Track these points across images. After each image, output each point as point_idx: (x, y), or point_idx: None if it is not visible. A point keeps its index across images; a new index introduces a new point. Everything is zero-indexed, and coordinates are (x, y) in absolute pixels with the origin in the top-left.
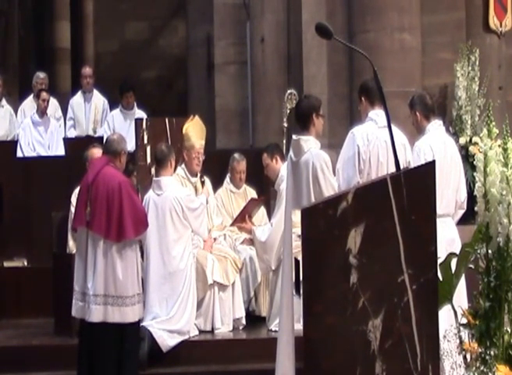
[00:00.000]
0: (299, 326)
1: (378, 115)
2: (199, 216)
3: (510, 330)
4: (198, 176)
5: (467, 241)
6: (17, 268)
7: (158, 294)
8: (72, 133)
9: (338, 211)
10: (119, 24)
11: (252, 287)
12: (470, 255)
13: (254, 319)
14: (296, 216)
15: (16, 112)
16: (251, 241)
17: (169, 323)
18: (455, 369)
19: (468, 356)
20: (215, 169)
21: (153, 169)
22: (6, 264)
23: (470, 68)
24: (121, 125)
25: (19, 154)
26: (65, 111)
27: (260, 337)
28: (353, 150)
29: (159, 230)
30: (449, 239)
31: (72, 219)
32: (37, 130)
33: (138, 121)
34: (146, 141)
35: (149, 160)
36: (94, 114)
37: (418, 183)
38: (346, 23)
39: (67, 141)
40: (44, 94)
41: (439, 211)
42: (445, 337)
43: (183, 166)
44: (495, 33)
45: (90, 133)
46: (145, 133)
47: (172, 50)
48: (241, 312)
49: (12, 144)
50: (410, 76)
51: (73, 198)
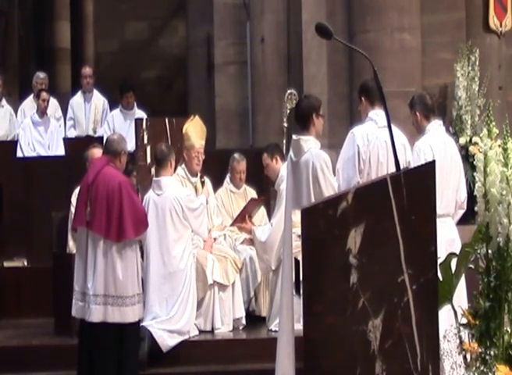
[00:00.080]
0: (299, 326)
1: (378, 115)
2: (199, 216)
3: (510, 330)
4: (198, 176)
5: (467, 241)
6: (17, 268)
7: (158, 294)
8: (72, 133)
9: (338, 211)
10: (119, 24)
11: (252, 287)
12: (470, 255)
13: (254, 319)
14: (296, 216)
15: (16, 112)
16: (251, 241)
17: (169, 323)
18: (455, 369)
19: (468, 356)
20: (215, 169)
21: (153, 169)
22: (6, 264)
23: (470, 68)
24: (121, 125)
25: (19, 154)
26: (65, 111)
27: (260, 337)
28: (353, 150)
29: (159, 230)
30: (449, 239)
31: (72, 219)
32: (37, 130)
33: (138, 121)
34: (146, 141)
35: (149, 160)
36: (94, 114)
37: (418, 183)
38: (346, 23)
39: (67, 141)
40: (44, 94)
41: (439, 211)
42: (445, 337)
43: (183, 165)
44: (495, 33)
45: (90, 133)
46: (145, 133)
47: (172, 50)
48: (241, 312)
49: (12, 144)
50: (410, 76)
51: (73, 198)
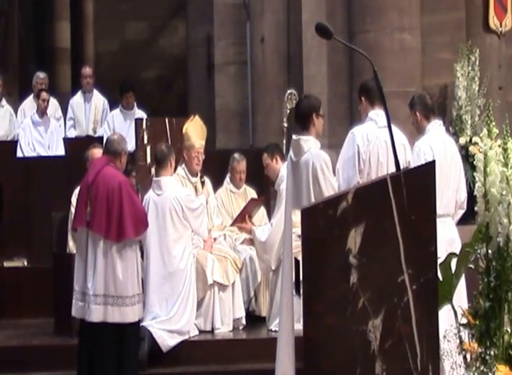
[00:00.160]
0: (299, 326)
1: (378, 115)
2: (199, 216)
3: (510, 330)
4: (198, 176)
5: (467, 241)
6: (17, 268)
7: (158, 294)
8: (72, 133)
9: (338, 211)
10: (119, 24)
11: (252, 287)
12: (470, 255)
13: (254, 319)
14: (296, 216)
15: (16, 112)
16: (251, 241)
17: (169, 323)
18: (455, 369)
19: (468, 356)
20: (215, 169)
21: (153, 169)
22: (6, 264)
23: (470, 68)
24: (121, 125)
25: (19, 154)
26: (65, 111)
27: (260, 337)
28: (353, 150)
29: (159, 230)
30: (449, 239)
31: (73, 219)
32: (37, 130)
33: (138, 121)
34: (146, 141)
35: (149, 160)
36: (94, 114)
37: (418, 183)
38: (346, 23)
39: (67, 141)
40: (44, 94)
41: (439, 211)
42: (445, 337)
43: (184, 165)
44: (495, 33)
45: (90, 133)
46: (145, 133)
47: (172, 50)
48: (241, 312)
49: (12, 144)
50: (410, 76)
51: (73, 198)
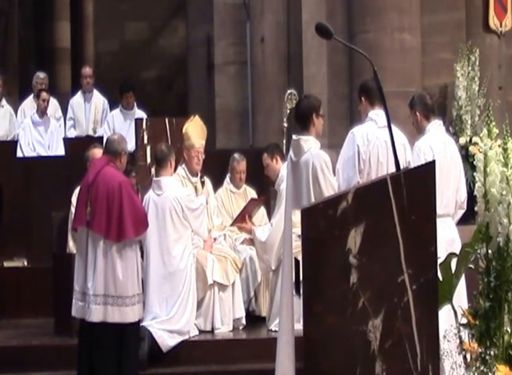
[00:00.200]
0: (299, 326)
1: (378, 115)
2: (199, 216)
3: (510, 330)
4: (198, 176)
5: (467, 241)
6: (17, 268)
7: (158, 294)
8: (72, 133)
9: (338, 211)
10: (119, 24)
11: (252, 287)
12: (470, 255)
13: (254, 319)
14: (296, 216)
15: (16, 112)
16: (251, 241)
17: (169, 323)
18: (455, 369)
19: (468, 356)
20: (215, 169)
21: (153, 169)
22: (6, 264)
23: (470, 68)
24: (121, 125)
25: (19, 154)
26: (65, 111)
27: (260, 337)
28: (353, 150)
29: (159, 230)
30: (449, 239)
31: (73, 219)
32: (37, 130)
33: (138, 121)
34: (146, 141)
35: (149, 160)
36: (94, 114)
37: (418, 183)
38: (346, 23)
39: (67, 141)
40: (44, 94)
41: (439, 211)
42: (445, 337)
43: (184, 165)
44: (495, 33)
45: (90, 133)
46: (145, 133)
47: (172, 50)
48: (241, 312)
49: (12, 144)
50: (410, 76)
51: (74, 198)
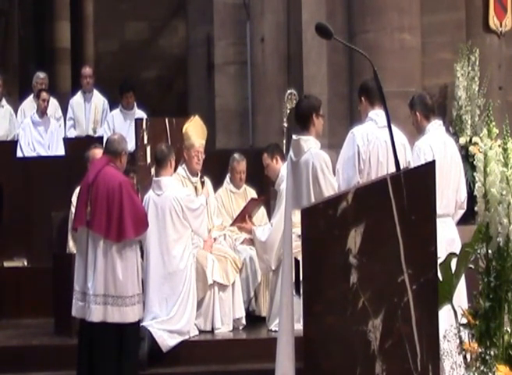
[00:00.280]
0: (299, 326)
1: (378, 115)
2: (199, 217)
3: (510, 330)
4: (198, 176)
5: (467, 241)
6: (17, 268)
7: (158, 294)
8: (72, 133)
9: (338, 211)
10: (119, 24)
11: (252, 287)
12: (470, 255)
13: (254, 319)
14: (296, 216)
15: (16, 112)
16: (251, 241)
17: (169, 323)
18: (455, 369)
19: (468, 356)
20: (215, 169)
21: (153, 169)
22: (6, 264)
23: (470, 68)
24: (121, 125)
25: (19, 154)
26: (65, 111)
27: (260, 337)
28: (353, 150)
29: (159, 230)
30: (449, 239)
31: (73, 219)
32: (37, 130)
33: (138, 121)
34: (146, 141)
35: (149, 160)
36: (94, 114)
37: (418, 183)
38: (346, 23)
39: (67, 141)
40: (44, 94)
41: (439, 211)
42: (445, 337)
43: (184, 165)
44: (495, 33)
45: (90, 133)
46: (145, 133)
47: (172, 50)
48: (241, 312)
49: (12, 144)
50: (410, 76)
51: (74, 198)
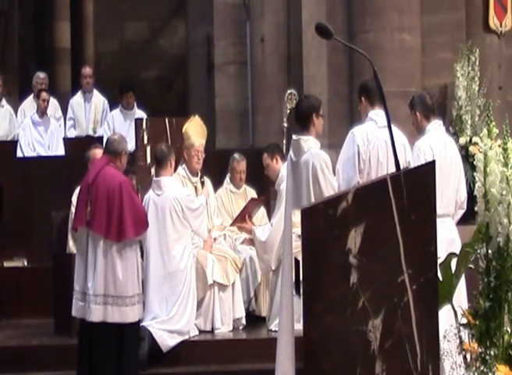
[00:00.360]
0: (299, 326)
1: (378, 115)
2: (199, 217)
3: (510, 330)
4: (198, 176)
5: (467, 241)
6: (17, 268)
7: (158, 294)
8: (72, 133)
9: (338, 211)
10: (119, 24)
11: (252, 287)
12: (470, 255)
13: (254, 319)
14: (296, 216)
15: (16, 112)
16: (251, 241)
17: (169, 323)
18: (455, 369)
19: (468, 356)
20: (215, 169)
21: (153, 169)
22: (6, 264)
23: (470, 68)
24: (121, 125)
25: (19, 154)
26: (65, 111)
27: (260, 337)
28: (353, 150)
29: (159, 230)
30: (449, 239)
31: (73, 219)
32: (37, 130)
33: (138, 121)
34: (146, 141)
35: (149, 160)
36: (94, 114)
37: (418, 183)
38: (346, 23)
39: (67, 141)
40: (44, 94)
41: (439, 211)
42: (445, 337)
43: (184, 165)
44: (495, 33)
45: (90, 133)
46: (145, 133)
47: (172, 50)
48: (241, 312)
49: (12, 144)
50: (410, 76)
51: (74, 198)
